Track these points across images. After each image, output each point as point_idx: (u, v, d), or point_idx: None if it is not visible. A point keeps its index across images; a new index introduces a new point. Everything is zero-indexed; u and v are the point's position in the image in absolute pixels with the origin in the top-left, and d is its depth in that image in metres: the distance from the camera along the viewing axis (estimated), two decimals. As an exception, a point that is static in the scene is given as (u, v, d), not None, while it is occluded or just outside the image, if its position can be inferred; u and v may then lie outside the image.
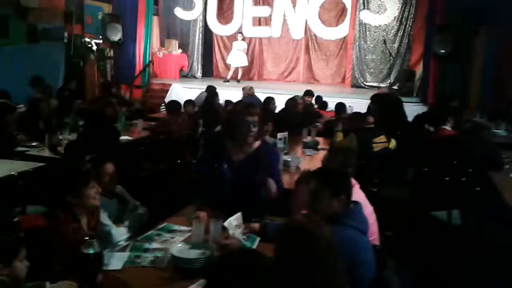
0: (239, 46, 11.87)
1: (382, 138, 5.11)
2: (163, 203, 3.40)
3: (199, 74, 13.07)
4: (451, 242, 3.85)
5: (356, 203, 2.29)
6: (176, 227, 2.69)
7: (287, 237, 1.72)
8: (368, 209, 2.67)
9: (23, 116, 5.34)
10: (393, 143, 5.20)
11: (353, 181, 2.67)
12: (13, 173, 3.59)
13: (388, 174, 5.21)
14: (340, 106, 6.25)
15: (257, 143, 2.91)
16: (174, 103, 6.52)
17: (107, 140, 4.40)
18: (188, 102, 6.72)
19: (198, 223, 2.41)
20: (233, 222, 2.40)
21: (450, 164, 4.40)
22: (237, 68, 11.96)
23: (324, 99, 8.46)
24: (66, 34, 10.26)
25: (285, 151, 4.67)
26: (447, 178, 3.96)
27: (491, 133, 5.87)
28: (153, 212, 3.09)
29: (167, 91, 11.03)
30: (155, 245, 2.42)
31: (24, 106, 5.98)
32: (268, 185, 2.81)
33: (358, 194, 2.67)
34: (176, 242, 2.44)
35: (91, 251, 1.74)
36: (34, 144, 4.69)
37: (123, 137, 5.33)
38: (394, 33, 11.50)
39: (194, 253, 2.23)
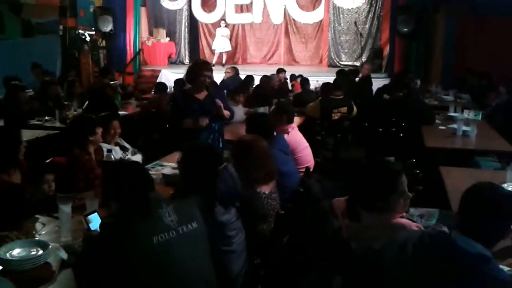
0: (222, 32, 12.74)
1: (343, 109, 5.99)
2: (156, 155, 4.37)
3: (187, 60, 13.87)
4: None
5: (281, 135, 3.34)
6: (165, 163, 3.68)
7: (238, 144, 2.78)
8: (303, 144, 3.70)
9: (33, 97, 6.27)
10: (355, 111, 6.11)
11: (293, 125, 3.72)
12: (36, 136, 4.56)
13: (346, 138, 6.20)
14: (304, 80, 7.23)
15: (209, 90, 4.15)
16: (162, 84, 7.67)
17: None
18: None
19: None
20: None
21: (390, 121, 5.42)
22: (221, 53, 12.84)
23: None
24: (61, 27, 11.14)
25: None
26: (380, 129, 4.97)
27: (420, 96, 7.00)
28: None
29: (157, 76, 11.89)
30: (152, 171, 3.40)
31: (32, 91, 6.91)
32: (223, 111, 4.15)
33: (297, 134, 3.70)
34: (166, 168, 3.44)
35: (109, 160, 2.72)
36: (46, 118, 5.63)
37: (120, 112, 6.26)
38: (365, 15, 12.39)
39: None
